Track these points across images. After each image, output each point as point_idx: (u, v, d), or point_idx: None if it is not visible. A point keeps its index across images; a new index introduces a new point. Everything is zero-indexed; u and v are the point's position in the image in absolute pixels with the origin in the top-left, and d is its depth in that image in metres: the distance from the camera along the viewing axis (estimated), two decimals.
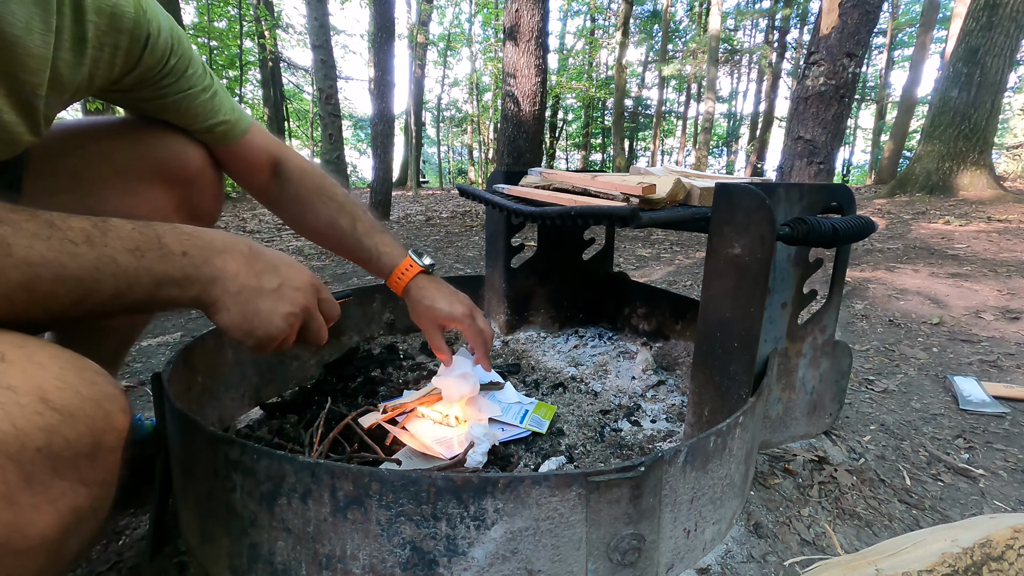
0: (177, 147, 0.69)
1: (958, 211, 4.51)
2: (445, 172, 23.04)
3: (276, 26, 11.59)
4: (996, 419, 1.13)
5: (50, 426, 0.33)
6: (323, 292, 0.61)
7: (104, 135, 0.66)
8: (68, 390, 0.34)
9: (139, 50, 0.56)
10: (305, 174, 0.83)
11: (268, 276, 0.53)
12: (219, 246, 0.50)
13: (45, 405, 0.33)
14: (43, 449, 0.32)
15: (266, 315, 0.53)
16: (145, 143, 0.67)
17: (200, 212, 0.76)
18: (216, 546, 0.62)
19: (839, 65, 2.36)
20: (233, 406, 1.00)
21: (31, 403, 0.32)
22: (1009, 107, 10.30)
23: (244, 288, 0.51)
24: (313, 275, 0.60)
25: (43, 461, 0.32)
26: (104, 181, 0.65)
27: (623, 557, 0.58)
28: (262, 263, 0.53)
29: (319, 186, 0.84)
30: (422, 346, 1.41)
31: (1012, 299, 2.04)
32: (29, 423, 0.32)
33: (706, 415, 0.87)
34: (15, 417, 0.31)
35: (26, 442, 0.31)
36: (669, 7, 14.79)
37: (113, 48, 0.53)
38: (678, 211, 0.86)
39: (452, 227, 4.84)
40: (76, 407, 0.34)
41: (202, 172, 0.73)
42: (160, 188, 0.69)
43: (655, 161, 18.18)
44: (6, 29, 0.42)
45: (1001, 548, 0.52)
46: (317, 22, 3.29)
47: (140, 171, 0.67)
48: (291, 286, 0.55)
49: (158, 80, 0.62)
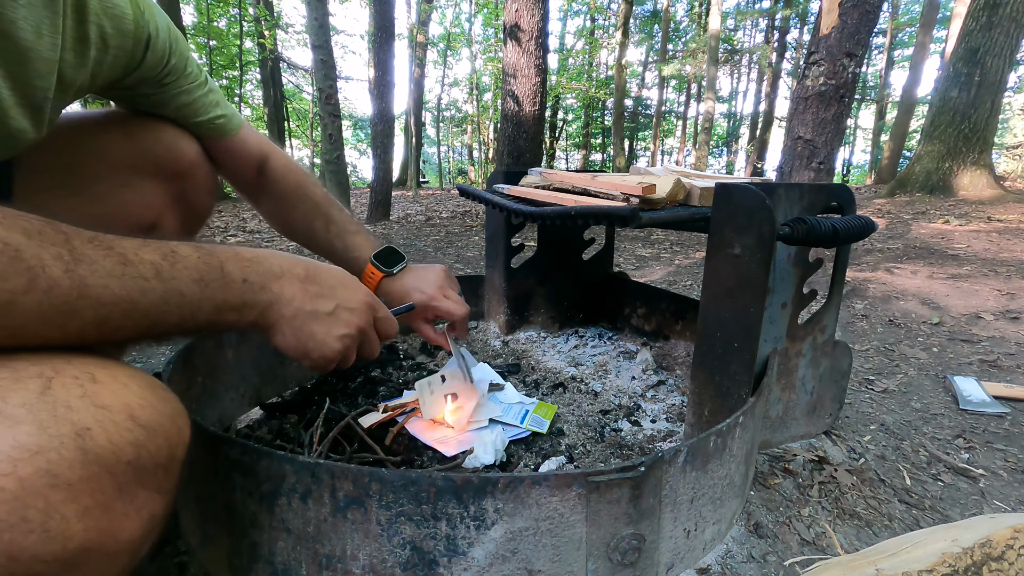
0: (171, 141, 0.70)
1: (958, 211, 4.51)
2: (445, 172, 23.03)
3: (276, 26, 11.58)
4: (996, 419, 1.13)
5: (138, 441, 0.36)
6: (379, 310, 0.62)
7: (97, 129, 0.66)
8: (149, 407, 0.37)
9: (141, 51, 0.57)
10: (288, 172, 0.84)
11: (324, 300, 0.55)
12: (277, 271, 0.51)
13: (133, 422, 0.36)
14: (132, 462, 0.35)
15: (320, 338, 0.54)
16: (139, 137, 0.67)
17: (195, 206, 0.76)
18: (216, 546, 0.62)
19: (839, 65, 2.36)
20: (233, 406, 1.00)
21: (122, 420, 0.35)
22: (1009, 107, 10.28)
23: (299, 312, 0.52)
24: (369, 293, 0.61)
25: (132, 473, 0.35)
26: (99, 176, 0.64)
27: (623, 557, 0.58)
28: (318, 286, 0.54)
29: (299, 184, 0.85)
30: (422, 346, 1.41)
31: (1012, 299, 2.04)
32: (122, 439, 0.34)
33: (706, 415, 0.87)
34: (111, 433, 0.34)
35: (120, 456, 0.34)
36: (669, 7, 14.80)
37: (117, 49, 0.54)
38: (678, 211, 0.86)
39: (452, 227, 4.84)
40: (157, 423, 0.37)
41: (196, 166, 0.73)
42: (155, 182, 0.69)
43: (655, 161, 18.19)
44: (20, 36, 0.42)
45: (1001, 548, 0.52)
46: (317, 22, 3.29)
47: (135, 165, 0.67)
48: (346, 307, 0.57)
49: (160, 79, 0.63)
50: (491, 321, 1.55)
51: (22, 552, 0.29)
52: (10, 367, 0.33)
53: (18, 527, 0.29)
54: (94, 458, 0.33)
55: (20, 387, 0.32)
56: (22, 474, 0.29)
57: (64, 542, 0.31)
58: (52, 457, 0.31)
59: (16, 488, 0.29)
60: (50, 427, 0.31)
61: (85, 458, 0.32)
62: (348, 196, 3.80)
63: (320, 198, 0.87)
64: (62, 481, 0.31)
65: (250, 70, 13.86)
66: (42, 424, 0.31)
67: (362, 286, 0.61)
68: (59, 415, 0.32)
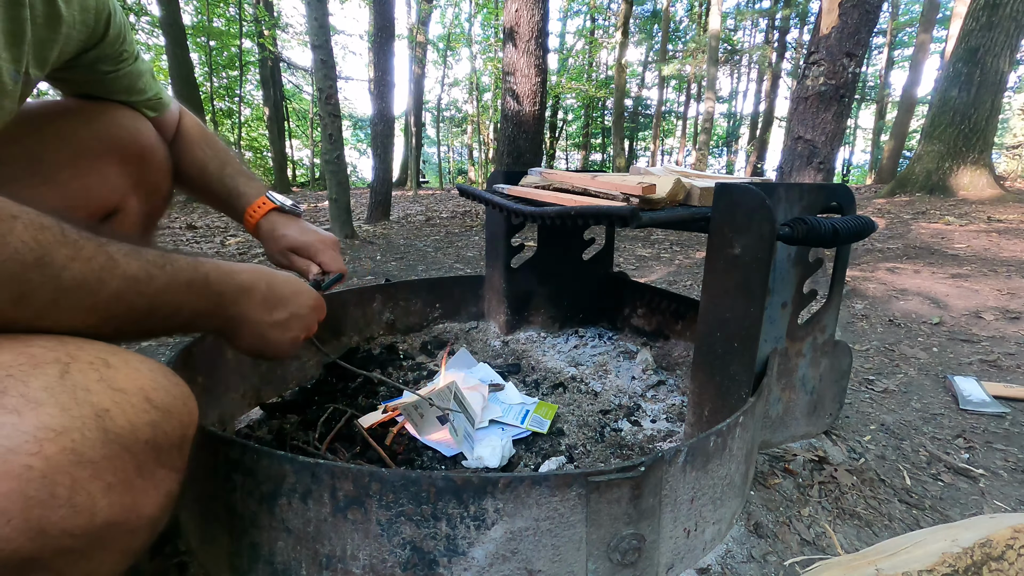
0: (129, 123, 0.71)
1: (958, 211, 4.51)
2: (445, 172, 23.03)
3: (276, 26, 11.58)
4: (996, 419, 1.13)
5: (154, 422, 0.38)
6: (322, 311, 0.72)
7: (57, 118, 0.66)
8: (162, 390, 0.40)
9: (103, 27, 0.60)
10: (195, 126, 0.86)
11: (279, 309, 0.62)
12: (246, 286, 0.57)
13: (149, 404, 0.38)
14: (150, 441, 0.37)
15: (274, 341, 0.63)
16: (100, 121, 0.68)
17: (155, 187, 0.77)
18: (216, 546, 0.62)
19: (839, 65, 2.36)
20: (233, 406, 1.00)
21: (139, 403, 0.37)
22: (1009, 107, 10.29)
23: (258, 323, 0.60)
24: (317, 296, 0.70)
25: (150, 452, 0.37)
26: (63, 164, 0.65)
27: (623, 557, 0.58)
28: (275, 297, 0.62)
29: (204, 136, 0.86)
30: (422, 346, 1.41)
31: (1012, 299, 2.04)
32: (139, 419, 0.37)
33: (706, 415, 0.87)
34: (129, 415, 0.36)
35: (138, 435, 0.36)
36: (669, 7, 14.79)
37: (81, 24, 0.56)
38: (678, 211, 0.86)
39: (452, 227, 4.84)
40: (170, 405, 0.40)
41: (154, 147, 0.75)
42: (118, 166, 0.70)
43: (655, 161, 18.18)
44: None
45: (1001, 548, 0.52)
46: (317, 22, 3.29)
47: (98, 150, 0.68)
48: (298, 315, 0.65)
49: (117, 55, 0.65)
50: (491, 321, 1.55)
51: (52, 526, 0.31)
52: (27, 353, 0.34)
53: (47, 503, 0.30)
54: (114, 437, 0.35)
55: (40, 372, 0.33)
56: (48, 453, 0.31)
57: (91, 517, 0.33)
58: (76, 437, 0.32)
59: (43, 466, 0.31)
60: (71, 409, 0.33)
61: (106, 437, 0.34)
62: (348, 196, 3.79)
63: (222, 149, 0.88)
64: (86, 459, 0.33)
65: (250, 70, 13.86)
66: (64, 406, 0.33)
67: (311, 290, 0.69)
68: (79, 398, 0.34)
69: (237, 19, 11.78)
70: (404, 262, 3.13)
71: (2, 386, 0.32)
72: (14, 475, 0.29)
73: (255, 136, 16.34)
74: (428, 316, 1.55)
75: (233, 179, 0.87)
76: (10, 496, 0.29)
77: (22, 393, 0.32)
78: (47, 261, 0.36)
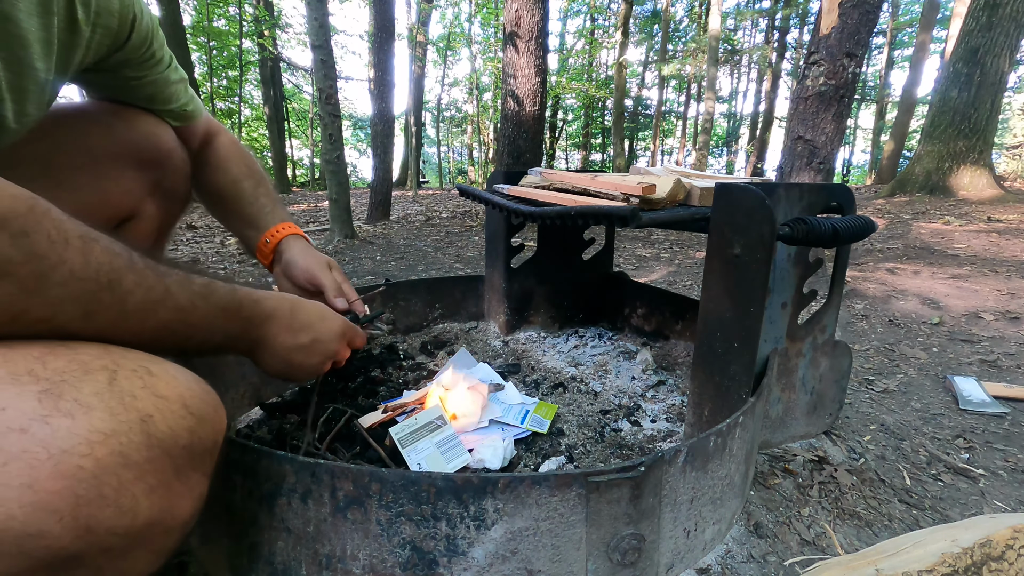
0: (148, 128, 0.70)
1: (958, 211, 4.51)
2: (445, 172, 23.02)
3: (276, 26, 11.59)
4: (996, 419, 1.13)
5: (191, 428, 0.39)
6: (350, 332, 0.73)
7: (75, 121, 0.66)
8: (197, 398, 0.41)
9: (127, 31, 0.59)
10: (233, 145, 0.86)
11: (303, 334, 0.63)
12: (270, 312, 0.59)
13: (187, 411, 0.39)
14: (187, 447, 0.39)
15: (298, 364, 0.64)
16: (117, 126, 0.68)
17: (173, 193, 0.76)
18: (216, 546, 0.62)
19: (839, 65, 2.36)
20: (233, 406, 1.00)
21: (178, 409, 0.39)
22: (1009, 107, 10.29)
23: (283, 347, 0.61)
24: (344, 322, 0.71)
25: (187, 456, 0.39)
26: (79, 167, 0.65)
27: (623, 557, 0.58)
28: (299, 322, 0.63)
29: (241, 154, 0.86)
30: (422, 346, 1.41)
31: (1012, 299, 2.04)
32: (178, 425, 0.38)
33: (706, 415, 0.87)
34: (169, 421, 0.38)
35: (177, 441, 0.38)
36: (669, 7, 14.78)
37: (104, 28, 0.56)
38: (678, 211, 0.86)
39: (452, 227, 4.84)
40: (205, 412, 0.41)
41: (173, 152, 0.74)
42: (135, 171, 0.69)
43: (655, 161, 18.18)
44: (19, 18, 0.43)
45: (1001, 548, 0.52)
46: (317, 22, 3.29)
47: (114, 154, 0.67)
48: (322, 340, 0.66)
49: (143, 61, 0.64)
50: (491, 321, 1.55)
51: (99, 525, 0.32)
52: (78, 360, 0.36)
53: (95, 502, 0.32)
54: (157, 442, 0.36)
55: (90, 378, 0.35)
56: (98, 455, 0.32)
57: (133, 517, 0.34)
58: (123, 440, 0.34)
59: (94, 467, 0.32)
60: (119, 414, 0.35)
61: (149, 442, 0.36)
62: (348, 196, 3.79)
63: (258, 169, 0.87)
64: (132, 462, 0.34)
65: (250, 70, 13.86)
66: (112, 411, 0.34)
67: (338, 316, 0.70)
68: (126, 403, 0.35)
69: (237, 19, 11.78)
70: (404, 262, 3.13)
71: (58, 391, 0.33)
72: (67, 475, 0.31)
73: (255, 136, 16.34)
74: (428, 316, 1.55)
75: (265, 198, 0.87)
76: (63, 495, 0.30)
77: (75, 398, 0.33)
78: (117, 285, 0.39)
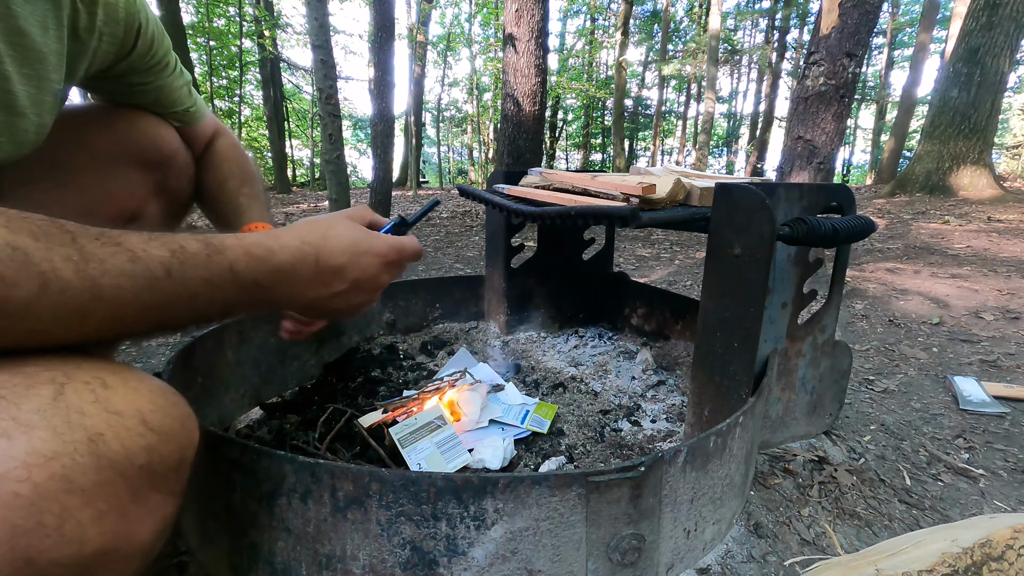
0: (152, 129, 0.71)
1: (958, 211, 4.51)
2: (445, 172, 23.01)
3: (276, 26, 11.58)
4: (996, 419, 1.13)
5: (150, 446, 0.36)
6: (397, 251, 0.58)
7: (78, 122, 0.66)
8: (159, 412, 0.38)
9: (132, 38, 0.59)
10: (231, 148, 0.85)
11: (337, 280, 0.53)
12: (287, 268, 0.48)
13: (145, 427, 0.36)
14: (145, 467, 0.36)
15: (339, 310, 0.56)
16: (120, 127, 0.68)
17: (176, 193, 0.76)
18: (216, 546, 0.62)
19: (839, 65, 2.36)
20: (233, 406, 1.00)
21: (135, 425, 0.35)
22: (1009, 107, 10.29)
23: (317, 300, 0.52)
24: (385, 242, 0.57)
25: (145, 477, 0.36)
26: (83, 168, 0.65)
27: (623, 557, 0.58)
28: (330, 269, 0.52)
29: (235, 156, 0.85)
30: (422, 346, 1.41)
31: (1012, 299, 2.04)
32: (134, 444, 0.35)
33: (706, 415, 0.87)
34: (124, 439, 0.34)
35: (133, 461, 0.35)
36: (669, 7, 14.78)
37: (110, 36, 0.56)
38: (678, 211, 0.86)
39: (452, 227, 4.84)
40: (167, 427, 0.38)
41: (176, 153, 0.74)
42: (138, 171, 0.70)
43: (655, 161, 18.18)
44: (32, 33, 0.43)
45: (1001, 548, 0.52)
46: (317, 22, 3.29)
47: (118, 155, 0.67)
48: (363, 278, 0.55)
49: (148, 67, 0.65)
50: (491, 321, 1.55)
51: (40, 555, 0.30)
52: (23, 372, 0.33)
53: (35, 532, 0.29)
54: (108, 463, 0.33)
55: (33, 393, 0.32)
56: (37, 479, 0.30)
57: (80, 546, 0.31)
58: (67, 463, 0.31)
59: (31, 493, 0.29)
60: (64, 433, 0.32)
61: (99, 463, 0.33)
62: (348, 196, 3.79)
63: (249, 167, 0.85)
64: (77, 486, 0.31)
65: (250, 70, 13.85)
66: (56, 430, 0.31)
67: (376, 237, 0.56)
68: (72, 421, 0.32)
69: (237, 19, 11.77)
70: None
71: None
72: (2, 503, 0.28)
73: (255, 136, 16.35)
74: (428, 316, 1.55)
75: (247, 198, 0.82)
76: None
77: (13, 416, 0.30)
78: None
